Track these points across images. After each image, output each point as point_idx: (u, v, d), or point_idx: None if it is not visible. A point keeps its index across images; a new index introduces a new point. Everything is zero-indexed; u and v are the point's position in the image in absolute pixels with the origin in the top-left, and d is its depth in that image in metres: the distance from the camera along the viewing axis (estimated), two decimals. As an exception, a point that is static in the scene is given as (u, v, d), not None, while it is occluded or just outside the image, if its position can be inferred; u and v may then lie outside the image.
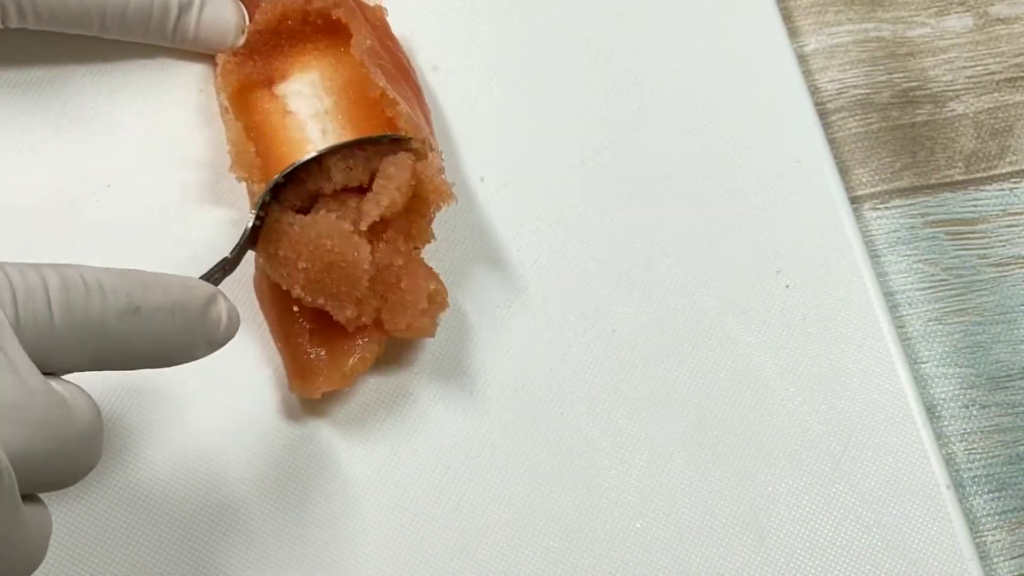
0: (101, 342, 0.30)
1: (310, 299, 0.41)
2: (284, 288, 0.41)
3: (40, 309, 0.29)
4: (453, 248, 0.46)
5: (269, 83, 0.46)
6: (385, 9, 0.47)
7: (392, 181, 0.41)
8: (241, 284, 0.44)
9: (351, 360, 0.41)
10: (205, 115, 0.47)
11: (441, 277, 0.43)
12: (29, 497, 0.29)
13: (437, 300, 0.42)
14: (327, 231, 0.40)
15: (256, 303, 0.44)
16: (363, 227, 0.41)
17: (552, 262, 0.46)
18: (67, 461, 0.29)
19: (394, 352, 0.44)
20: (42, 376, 0.28)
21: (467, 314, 0.45)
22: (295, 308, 0.42)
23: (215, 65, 0.46)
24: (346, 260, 0.40)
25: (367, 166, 0.42)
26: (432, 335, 0.42)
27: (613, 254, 0.46)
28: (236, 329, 0.35)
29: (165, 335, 0.32)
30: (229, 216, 0.45)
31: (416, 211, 0.42)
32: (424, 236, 0.43)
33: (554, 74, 0.49)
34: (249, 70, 0.45)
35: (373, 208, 0.41)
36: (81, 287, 0.29)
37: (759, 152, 0.48)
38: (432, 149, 0.43)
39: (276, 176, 0.41)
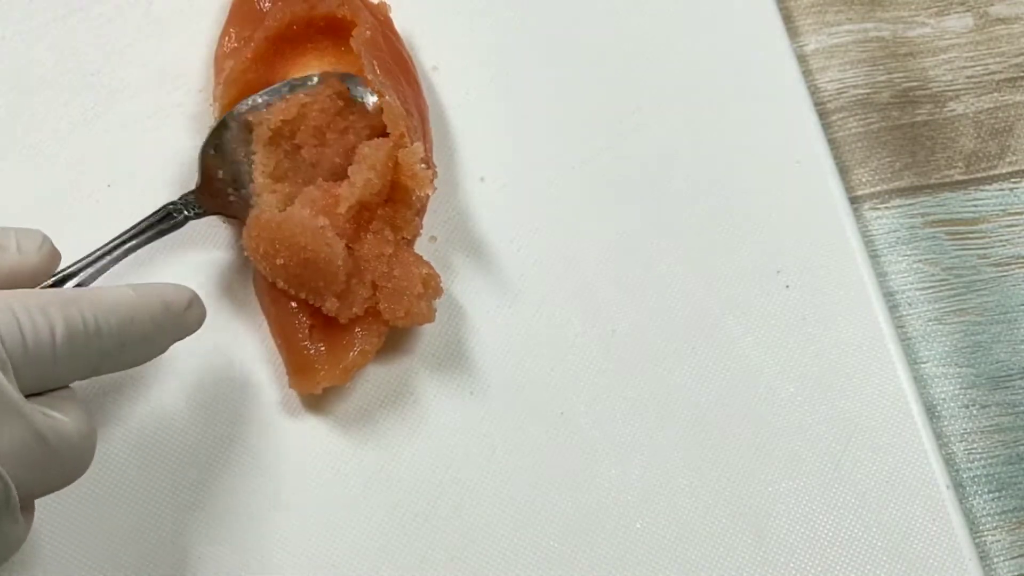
0: (87, 370, 0.34)
1: (294, 292, 0.41)
2: (271, 280, 0.41)
3: (46, 352, 0.32)
4: (453, 248, 0.46)
5: (268, 86, 0.46)
6: (388, 6, 0.47)
7: (366, 161, 0.42)
8: (240, 282, 0.44)
9: (351, 354, 0.42)
10: (205, 115, 0.47)
11: (441, 277, 0.43)
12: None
13: (431, 284, 0.42)
14: (300, 228, 0.40)
15: (255, 301, 0.44)
16: (342, 210, 0.41)
17: (552, 262, 0.46)
18: (60, 477, 0.33)
19: (394, 350, 0.44)
20: (43, 414, 0.32)
21: (467, 314, 0.45)
22: (294, 304, 0.42)
23: (216, 71, 0.46)
24: (319, 257, 0.40)
25: (293, 109, 0.44)
26: (431, 320, 0.42)
27: (613, 254, 0.46)
28: (203, 319, 0.38)
29: (142, 357, 0.37)
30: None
31: (400, 201, 0.43)
32: (411, 226, 0.43)
33: (554, 74, 0.49)
34: (251, 76, 0.46)
35: (349, 191, 0.41)
36: (81, 332, 0.33)
37: (759, 152, 0.48)
38: (417, 140, 0.43)
39: (203, 144, 0.43)
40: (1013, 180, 0.51)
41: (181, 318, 0.37)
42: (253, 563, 0.41)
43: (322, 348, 0.42)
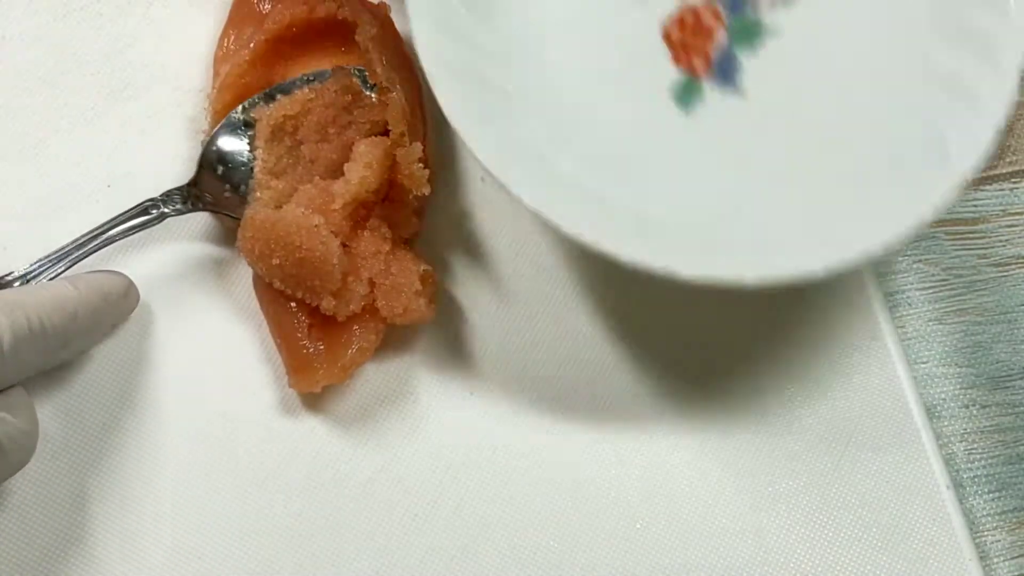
0: (33, 369, 0.36)
1: (290, 291, 0.41)
2: (267, 281, 0.42)
3: None
4: (453, 248, 0.46)
5: (266, 88, 0.46)
6: (388, 6, 0.47)
7: (363, 158, 0.42)
8: (240, 282, 0.44)
9: (349, 352, 0.42)
10: (204, 116, 0.47)
11: (441, 276, 0.43)
12: None
13: (429, 282, 0.42)
14: (295, 227, 0.40)
15: (255, 301, 0.44)
16: (337, 207, 0.41)
17: (552, 262, 0.46)
18: (4, 474, 0.35)
19: (393, 350, 0.44)
20: None
21: (467, 314, 0.45)
22: (292, 304, 0.42)
23: (215, 74, 0.46)
24: (314, 255, 0.40)
25: (297, 105, 0.44)
26: (430, 318, 0.42)
27: (613, 254, 0.46)
28: (138, 302, 0.41)
29: (84, 348, 0.38)
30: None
31: (398, 200, 0.43)
32: (409, 225, 0.43)
33: (554, 74, 0.49)
34: (248, 80, 0.45)
35: (343, 187, 0.42)
36: (27, 335, 0.34)
37: (759, 152, 0.48)
38: (417, 139, 0.43)
39: (203, 143, 0.44)
40: (1013, 180, 0.51)
41: (118, 306, 0.38)
42: (253, 563, 0.41)
43: (321, 347, 0.42)
